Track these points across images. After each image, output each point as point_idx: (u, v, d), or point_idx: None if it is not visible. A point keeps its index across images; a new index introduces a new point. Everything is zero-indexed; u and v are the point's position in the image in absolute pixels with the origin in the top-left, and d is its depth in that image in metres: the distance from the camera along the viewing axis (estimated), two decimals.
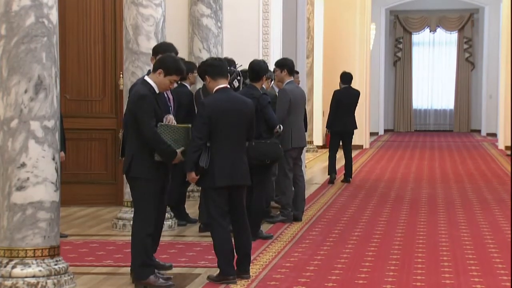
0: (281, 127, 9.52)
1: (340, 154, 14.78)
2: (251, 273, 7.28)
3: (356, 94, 15.04)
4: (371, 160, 19.65)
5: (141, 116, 6.69)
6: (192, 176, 6.98)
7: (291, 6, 14.69)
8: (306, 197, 11.12)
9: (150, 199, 6.81)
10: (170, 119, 6.96)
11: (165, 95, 7.71)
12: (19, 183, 6.54)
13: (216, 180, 6.96)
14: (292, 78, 10.46)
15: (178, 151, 6.78)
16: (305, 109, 11.02)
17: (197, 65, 10.68)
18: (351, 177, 14.90)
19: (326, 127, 15.19)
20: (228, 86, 7.21)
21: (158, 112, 6.80)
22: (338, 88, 15.10)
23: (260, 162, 8.86)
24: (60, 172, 6.81)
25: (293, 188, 10.42)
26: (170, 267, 7.53)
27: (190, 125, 7.00)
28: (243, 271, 7.21)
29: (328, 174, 14.86)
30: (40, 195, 6.57)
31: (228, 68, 9.50)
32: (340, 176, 14.94)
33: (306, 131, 10.98)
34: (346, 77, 14.99)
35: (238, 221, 7.23)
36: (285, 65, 10.38)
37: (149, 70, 7.79)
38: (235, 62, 10.29)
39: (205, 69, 7.23)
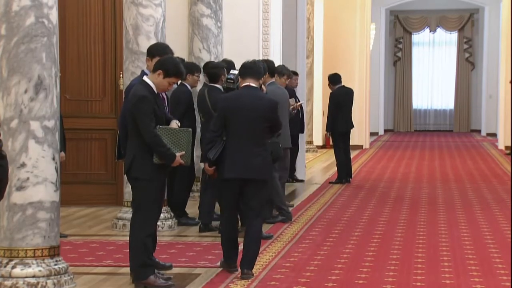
0: None
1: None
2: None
3: (351, 92, 14.97)
4: (371, 160, 19.65)
5: (141, 118, 6.68)
6: (207, 167, 7.30)
7: (291, 6, 14.71)
8: (306, 197, 11.11)
9: (151, 199, 6.81)
10: (176, 124, 6.95)
11: (159, 95, 7.69)
12: (19, 183, 6.53)
13: (224, 172, 7.20)
14: (273, 79, 10.37)
15: (178, 154, 6.77)
16: (302, 110, 11.00)
17: (200, 66, 10.71)
18: (351, 177, 14.89)
19: (326, 130, 15.00)
20: (253, 85, 7.36)
21: (157, 112, 6.79)
22: (330, 90, 15.00)
23: None
24: (60, 172, 6.81)
25: None
26: (170, 267, 7.53)
27: (190, 129, 7.00)
28: (245, 268, 7.21)
29: (343, 178, 14.59)
30: (40, 195, 6.56)
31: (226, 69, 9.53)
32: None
33: (303, 132, 10.96)
34: (336, 78, 14.81)
35: (247, 216, 7.35)
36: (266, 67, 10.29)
37: (142, 71, 7.81)
38: (234, 64, 10.26)
39: (239, 70, 7.68)
